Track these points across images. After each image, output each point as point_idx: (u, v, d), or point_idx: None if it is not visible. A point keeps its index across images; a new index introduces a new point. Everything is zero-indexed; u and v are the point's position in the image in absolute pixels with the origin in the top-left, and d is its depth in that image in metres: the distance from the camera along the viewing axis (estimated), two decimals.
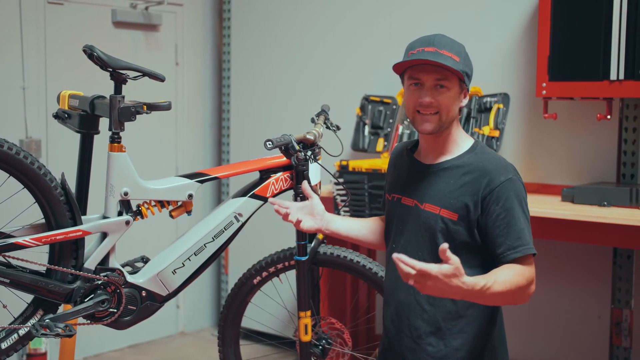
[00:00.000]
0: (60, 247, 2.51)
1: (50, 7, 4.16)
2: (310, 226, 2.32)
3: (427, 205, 2.07)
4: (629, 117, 3.37)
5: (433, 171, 2.10)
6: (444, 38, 2.07)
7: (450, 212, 2.03)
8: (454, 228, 2.03)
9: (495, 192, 2.00)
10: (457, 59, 2.04)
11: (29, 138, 4.07)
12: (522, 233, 2.00)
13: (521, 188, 2.04)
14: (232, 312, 3.13)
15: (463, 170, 2.05)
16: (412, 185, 2.13)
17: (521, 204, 2.02)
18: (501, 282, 1.91)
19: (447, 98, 2.03)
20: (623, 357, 3.42)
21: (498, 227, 2.00)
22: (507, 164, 2.06)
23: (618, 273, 3.42)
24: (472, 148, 2.10)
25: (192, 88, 4.92)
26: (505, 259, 1.99)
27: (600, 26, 3.12)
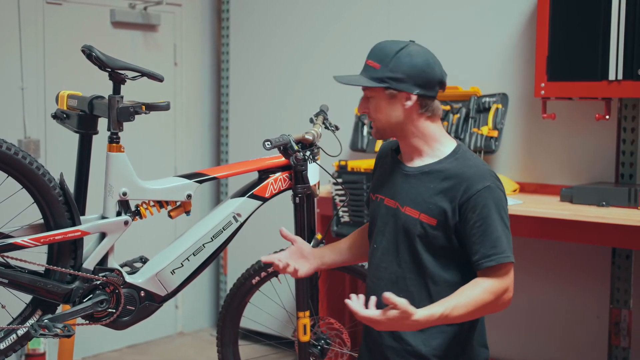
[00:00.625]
0: (59, 248, 2.50)
1: (48, 7, 4.16)
2: (308, 270, 2.39)
3: (407, 209, 2.08)
4: (628, 117, 3.37)
5: (414, 174, 2.11)
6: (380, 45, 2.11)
7: (429, 217, 2.04)
8: (432, 233, 2.04)
9: (472, 200, 2.00)
10: (377, 66, 2.06)
11: (27, 138, 4.07)
12: (497, 242, 1.99)
13: (500, 196, 2.03)
14: (231, 312, 3.13)
15: (443, 175, 2.06)
16: (395, 187, 2.14)
17: (499, 211, 2.01)
18: (462, 305, 1.94)
19: (372, 107, 2.10)
20: (622, 357, 3.42)
21: (474, 235, 2.00)
22: (486, 171, 2.05)
23: (617, 273, 3.42)
24: (454, 152, 2.10)
25: (191, 88, 4.92)
26: (480, 267, 2.00)
27: (599, 26, 3.12)
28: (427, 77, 2.06)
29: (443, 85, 2.12)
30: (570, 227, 3.08)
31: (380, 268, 2.14)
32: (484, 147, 3.58)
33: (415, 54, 2.06)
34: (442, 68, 2.12)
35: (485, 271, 2.00)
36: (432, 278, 2.06)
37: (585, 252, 3.55)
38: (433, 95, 2.10)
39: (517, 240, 3.69)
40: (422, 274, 2.06)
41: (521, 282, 3.75)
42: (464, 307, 1.94)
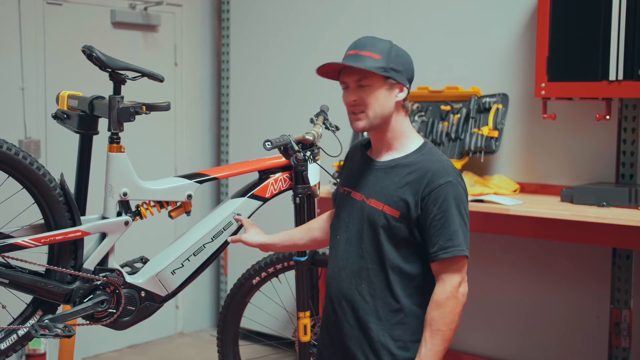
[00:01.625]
0: (60, 248, 2.50)
1: (49, 7, 4.16)
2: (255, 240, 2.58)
3: (372, 201, 2.15)
4: (628, 118, 3.37)
5: (381, 168, 2.17)
6: (368, 39, 2.16)
7: (393, 209, 2.11)
8: (395, 224, 2.10)
9: (433, 194, 2.07)
10: (377, 57, 2.11)
11: (28, 138, 4.07)
12: (454, 235, 2.06)
13: (460, 191, 2.10)
14: (231, 313, 3.13)
15: (408, 169, 2.12)
16: (362, 180, 2.20)
17: (458, 206, 2.08)
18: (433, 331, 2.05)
19: (369, 95, 2.11)
20: (622, 358, 3.42)
21: (433, 227, 2.07)
22: (449, 166, 2.13)
23: (617, 273, 3.42)
24: (420, 148, 2.17)
25: (191, 88, 4.92)
26: (436, 258, 2.08)
27: (599, 26, 3.12)
28: (412, 74, 2.18)
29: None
30: (570, 228, 3.08)
31: (343, 258, 2.20)
32: (484, 147, 3.58)
33: (402, 50, 2.17)
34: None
35: (440, 263, 2.08)
36: (392, 269, 2.12)
37: (585, 252, 3.55)
38: (409, 90, 2.19)
39: (518, 241, 3.71)
40: (383, 264, 2.12)
41: (522, 282, 3.76)
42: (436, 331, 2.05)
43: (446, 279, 2.07)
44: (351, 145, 2.41)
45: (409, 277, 2.12)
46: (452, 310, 2.06)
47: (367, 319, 2.14)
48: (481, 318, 3.85)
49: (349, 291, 2.17)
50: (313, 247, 2.58)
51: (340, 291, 2.20)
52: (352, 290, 2.17)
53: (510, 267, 3.78)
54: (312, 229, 2.54)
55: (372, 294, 2.14)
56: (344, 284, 2.19)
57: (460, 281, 2.08)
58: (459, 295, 2.07)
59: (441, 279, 2.08)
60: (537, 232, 3.23)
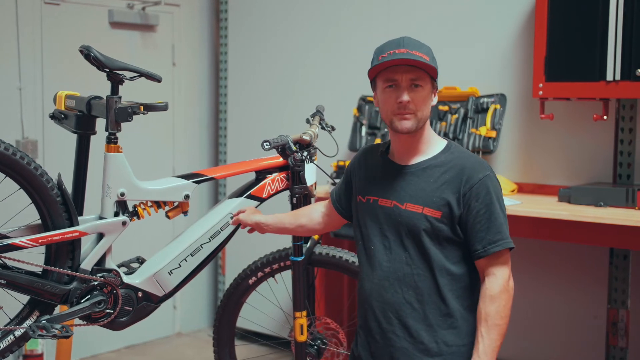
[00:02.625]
0: (57, 248, 2.50)
1: (46, 7, 4.16)
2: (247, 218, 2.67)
3: (409, 205, 2.10)
4: (625, 118, 3.37)
5: (411, 172, 2.13)
6: (411, 40, 2.12)
7: (434, 210, 2.07)
8: (437, 225, 2.07)
9: (474, 189, 2.05)
10: (427, 58, 2.09)
11: (25, 139, 4.06)
12: (501, 228, 2.06)
13: (497, 184, 2.11)
14: (228, 313, 3.13)
15: (442, 169, 2.10)
16: (389, 186, 2.16)
17: (499, 199, 2.08)
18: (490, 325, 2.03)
19: (422, 96, 2.09)
20: (619, 357, 3.42)
21: (479, 223, 2.05)
22: (483, 161, 2.13)
23: (614, 273, 3.42)
24: (447, 148, 2.16)
25: (189, 88, 4.91)
26: (486, 253, 2.05)
27: (597, 27, 3.12)
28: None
29: None
30: (568, 228, 3.09)
31: (384, 268, 2.14)
32: (482, 148, 3.58)
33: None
34: None
35: (490, 258, 2.05)
36: (439, 272, 2.08)
37: (583, 252, 3.55)
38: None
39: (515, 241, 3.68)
40: (430, 268, 2.08)
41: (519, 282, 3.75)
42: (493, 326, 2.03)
43: (497, 272, 2.05)
44: (357, 153, 2.34)
45: (456, 278, 2.09)
46: (507, 304, 2.04)
47: (417, 327, 2.09)
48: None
49: (395, 301, 2.11)
50: (301, 232, 2.62)
51: (385, 302, 2.13)
52: (399, 299, 2.11)
53: None
54: (300, 215, 2.56)
55: (420, 300, 2.09)
56: (388, 294, 2.13)
57: (509, 274, 2.07)
58: (510, 289, 2.05)
59: (492, 273, 2.05)
60: (535, 232, 3.23)
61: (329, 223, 2.50)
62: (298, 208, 2.81)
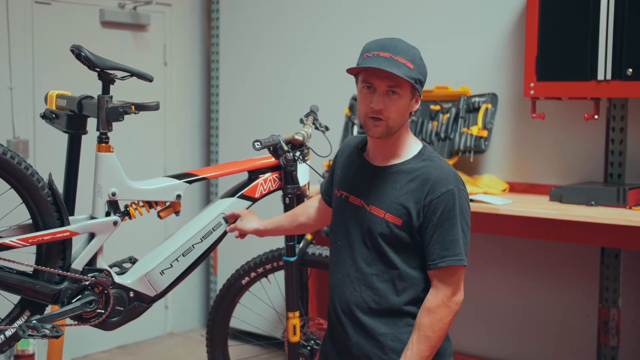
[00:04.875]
0: (48, 248, 2.49)
1: (37, 6, 4.14)
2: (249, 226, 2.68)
3: (373, 208, 2.11)
4: (616, 117, 3.38)
5: (381, 174, 2.12)
6: (400, 43, 2.07)
7: (395, 217, 2.07)
8: (397, 232, 2.07)
9: (434, 202, 2.03)
10: (411, 66, 2.03)
11: (16, 138, 4.05)
12: (452, 244, 2.03)
13: (462, 199, 2.06)
14: (221, 313, 3.12)
15: (409, 176, 2.07)
16: (360, 185, 2.16)
17: (461, 215, 2.04)
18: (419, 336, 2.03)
19: (397, 105, 2.04)
20: (610, 356, 3.43)
21: (433, 236, 2.04)
22: (450, 173, 2.07)
23: (606, 272, 3.43)
24: (420, 154, 2.11)
25: (181, 88, 4.91)
26: (434, 267, 2.04)
27: (588, 26, 3.13)
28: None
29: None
30: (559, 227, 3.10)
31: (346, 264, 2.16)
32: (473, 147, 3.58)
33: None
34: None
35: (437, 271, 2.04)
36: (399, 275, 2.08)
37: (574, 251, 3.56)
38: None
39: (507, 240, 3.72)
40: (389, 271, 2.09)
41: (510, 281, 3.77)
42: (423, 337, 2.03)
43: (440, 287, 2.04)
44: (342, 144, 2.33)
45: (414, 282, 2.08)
46: (442, 319, 2.03)
47: (372, 325, 2.11)
48: (470, 317, 3.86)
49: (353, 298, 2.13)
50: (301, 231, 2.61)
51: (345, 299, 2.15)
52: (357, 298, 2.12)
53: (499, 267, 3.79)
54: (297, 214, 2.57)
55: (376, 300, 2.10)
56: (347, 291, 2.15)
57: (455, 290, 2.05)
58: (452, 304, 2.04)
59: (435, 287, 2.05)
60: (527, 232, 3.24)
61: (325, 217, 2.49)
62: (291, 208, 2.81)
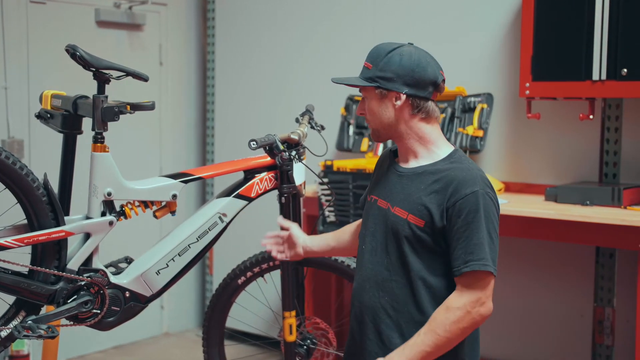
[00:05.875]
0: (43, 248, 2.49)
1: (32, 6, 4.13)
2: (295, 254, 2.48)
3: (397, 209, 2.06)
4: (611, 117, 3.39)
5: (407, 175, 2.09)
6: (377, 49, 2.11)
7: (417, 218, 2.01)
8: (419, 234, 2.01)
9: (458, 204, 1.96)
10: (369, 66, 2.08)
11: (11, 138, 4.04)
12: (477, 248, 1.94)
13: (488, 203, 1.98)
14: (217, 313, 3.12)
15: (434, 177, 2.02)
16: (388, 187, 2.12)
17: (486, 218, 1.96)
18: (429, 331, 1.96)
19: (369, 108, 2.11)
20: (605, 355, 3.44)
21: (457, 240, 1.96)
22: (477, 176, 2.01)
23: (600, 272, 3.44)
24: (450, 156, 2.07)
25: (176, 88, 4.90)
26: (458, 273, 1.96)
27: (583, 26, 3.14)
28: (416, 77, 2.04)
29: (437, 86, 2.08)
30: (554, 226, 3.10)
31: (367, 269, 2.11)
32: (469, 147, 3.59)
33: (407, 54, 2.06)
34: (437, 70, 2.08)
35: (462, 277, 1.96)
36: (418, 281, 2.02)
37: (569, 251, 3.57)
38: (425, 95, 2.06)
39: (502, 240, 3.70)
40: (408, 277, 2.03)
41: (505, 281, 3.77)
42: (432, 331, 1.95)
43: (465, 292, 1.94)
44: (382, 152, 2.30)
45: (435, 290, 2.01)
46: (459, 322, 1.93)
47: (389, 334, 2.05)
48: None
49: (371, 304, 2.08)
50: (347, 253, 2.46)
51: (363, 304, 2.10)
52: (375, 304, 2.07)
53: None
54: (343, 232, 2.44)
55: (395, 307, 2.04)
56: (367, 296, 2.10)
57: (481, 298, 1.94)
58: (474, 313, 1.94)
59: (460, 290, 1.96)
60: (522, 231, 3.24)
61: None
62: (287, 208, 2.81)
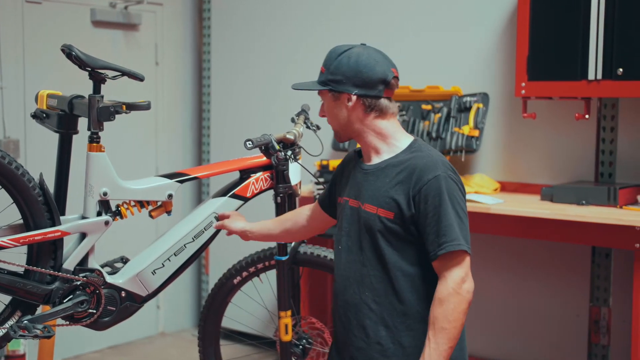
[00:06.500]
0: (39, 248, 2.49)
1: (28, 6, 4.13)
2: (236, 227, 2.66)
3: (367, 206, 2.11)
4: (607, 117, 3.40)
5: (372, 171, 2.13)
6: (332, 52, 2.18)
7: (386, 211, 2.06)
8: (390, 226, 2.06)
9: (423, 190, 2.01)
10: (323, 70, 2.16)
11: (7, 138, 4.03)
12: (448, 229, 1.99)
13: (451, 184, 2.03)
14: (213, 312, 3.12)
15: (397, 169, 2.07)
16: (356, 187, 2.17)
17: (452, 199, 2.01)
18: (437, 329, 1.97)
19: (327, 110, 2.19)
20: (601, 355, 3.44)
21: (429, 225, 2.01)
22: (438, 161, 2.06)
23: (596, 271, 3.45)
24: (410, 146, 2.12)
25: (172, 88, 4.90)
26: (434, 257, 2.01)
27: (579, 26, 3.14)
28: (364, 77, 2.09)
29: (388, 84, 2.12)
30: (550, 226, 3.11)
31: (346, 268, 2.16)
32: (465, 147, 3.59)
33: (355, 56, 2.11)
34: (386, 68, 2.11)
35: (439, 261, 2.00)
36: (395, 272, 2.06)
37: (565, 250, 3.58)
38: (375, 94, 2.10)
39: (498, 239, 3.73)
40: (386, 269, 2.07)
41: (501, 280, 3.78)
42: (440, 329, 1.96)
43: (447, 275, 1.99)
44: (346, 155, 2.35)
45: (413, 279, 2.06)
46: (456, 307, 1.96)
47: (374, 328, 2.08)
48: None
49: (353, 301, 2.12)
50: (286, 238, 2.60)
51: (346, 302, 2.15)
52: (357, 300, 2.11)
53: (490, 266, 3.80)
54: (285, 220, 2.56)
55: (376, 301, 2.08)
56: (348, 294, 2.14)
57: (464, 277, 1.99)
58: (463, 292, 1.98)
59: (443, 276, 1.99)
60: (518, 231, 3.25)
61: (315, 226, 2.49)
62: (282, 207, 2.81)
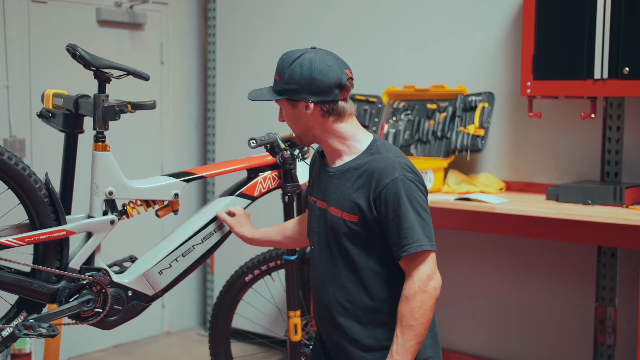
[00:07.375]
0: (45, 247, 2.49)
1: (34, 5, 4.13)
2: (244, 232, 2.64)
3: (333, 209, 2.14)
4: (613, 116, 3.39)
5: (335, 174, 2.16)
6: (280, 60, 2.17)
7: (350, 215, 2.10)
8: (356, 229, 2.09)
9: (382, 194, 2.04)
10: (277, 79, 2.16)
11: (12, 137, 4.04)
12: (409, 232, 2.01)
13: (409, 185, 2.04)
14: (224, 310, 3.12)
15: (358, 172, 2.10)
16: (322, 188, 2.20)
17: (411, 200, 2.03)
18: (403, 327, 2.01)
19: (286, 116, 2.21)
20: (607, 355, 3.44)
21: (390, 228, 2.04)
22: (395, 162, 2.07)
23: (602, 271, 3.44)
24: (369, 148, 2.14)
25: (177, 87, 4.90)
26: (399, 258, 2.04)
27: (584, 25, 3.14)
28: (319, 85, 2.10)
29: (343, 87, 2.13)
30: (556, 226, 3.10)
31: (320, 268, 2.21)
32: (470, 146, 3.59)
33: (308, 63, 2.11)
34: (339, 72, 2.12)
35: (404, 262, 2.04)
36: (365, 272, 2.11)
37: (571, 250, 3.57)
38: (332, 99, 2.11)
39: (504, 239, 3.72)
40: (355, 269, 2.11)
41: (507, 280, 3.78)
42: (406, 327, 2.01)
43: (414, 274, 2.03)
44: (312, 154, 2.39)
45: (382, 276, 2.11)
46: (422, 305, 2.01)
47: (349, 325, 2.14)
48: (466, 315, 3.87)
49: (328, 300, 2.18)
50: (287, 244, 2.62)
51: (322, 301, 2.20)
52: (332, 299, 2.17)
53: (495, 265, 3.80)
54: (285, 227, 2.58)
55: (349, 300, 2.13)
56: (324, 294, 2.19)
57: (430, 274, 2.02)
58: (429, 289, 2.02)
59: (409, 275, 2.04)
60: (523, 230, 3.24)
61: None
62: (290, 207, 2.82)
